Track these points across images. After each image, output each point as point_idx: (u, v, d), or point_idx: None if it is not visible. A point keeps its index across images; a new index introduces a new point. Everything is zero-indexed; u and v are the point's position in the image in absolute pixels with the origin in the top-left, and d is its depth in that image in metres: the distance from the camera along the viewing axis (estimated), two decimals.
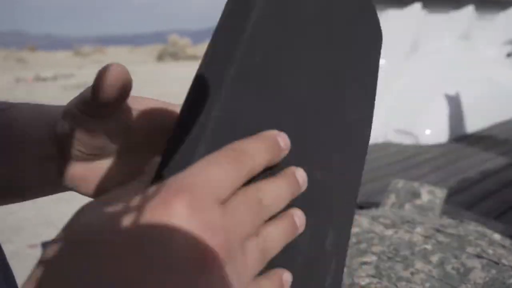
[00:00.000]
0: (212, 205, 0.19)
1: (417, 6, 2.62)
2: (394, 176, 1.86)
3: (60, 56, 13.07)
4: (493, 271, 0.72)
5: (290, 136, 0.22)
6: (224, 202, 0.20)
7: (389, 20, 2.53)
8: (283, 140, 0.22)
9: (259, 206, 0.21)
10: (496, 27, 3.31)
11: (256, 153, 0.21)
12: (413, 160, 2.20)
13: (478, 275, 0.70)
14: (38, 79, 9.40)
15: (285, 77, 0.20)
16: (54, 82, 9.03)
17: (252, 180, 0.21)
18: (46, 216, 3.07)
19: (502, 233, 1.19)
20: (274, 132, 0.22)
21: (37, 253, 2.43)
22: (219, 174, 0.20)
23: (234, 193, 0.21)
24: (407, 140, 2.49)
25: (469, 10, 2.99)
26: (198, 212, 0.18)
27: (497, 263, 0.74)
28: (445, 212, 1.30)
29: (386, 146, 2.44)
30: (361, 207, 1.62)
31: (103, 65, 0.26)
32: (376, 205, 1.46)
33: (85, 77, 9.13)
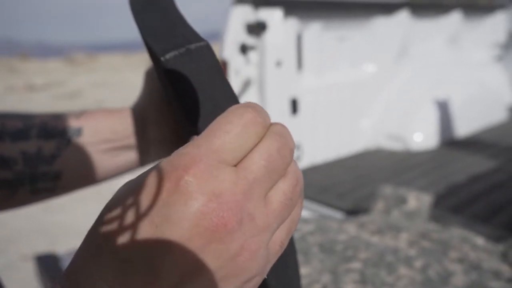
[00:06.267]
0: (221, 171, 0.19)
1: (405, 12, 2.66)
2: (383, 181, 1.88)
3: (52, 64, 12.97)
4: (474, 275, 0.74)
5: None
6: (238, 163, 0.20)
7: (377, 27, 2.57)
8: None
9: (277, 156, 0.21)
10: (483, 30, 3.37)
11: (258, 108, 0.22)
12: (402, 166, 2.23)
13: (459, 279, 0.72)
14: (30, 87, 9.35)
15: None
16: (45, 91, 8.99)
17: None
18: (38, 226, 3.06)
19: (489, 236, 1.21)
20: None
21: (29, 265, 2.42)
22: (229, 138, 0.20)
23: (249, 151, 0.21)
24: (397, 145, 2.51)
25: (456, 14, 3.04)
26: (206, 181, 0.19)
27: (478, 267, 0.76)
28: (432, 217, 1.33)
29: (376, 152, 2.46)
30: (350, 213, 1.64)
31: (96, 73, 0.29)
32: (364, 211, 1.48)
33: (77, 86, 9.09)
